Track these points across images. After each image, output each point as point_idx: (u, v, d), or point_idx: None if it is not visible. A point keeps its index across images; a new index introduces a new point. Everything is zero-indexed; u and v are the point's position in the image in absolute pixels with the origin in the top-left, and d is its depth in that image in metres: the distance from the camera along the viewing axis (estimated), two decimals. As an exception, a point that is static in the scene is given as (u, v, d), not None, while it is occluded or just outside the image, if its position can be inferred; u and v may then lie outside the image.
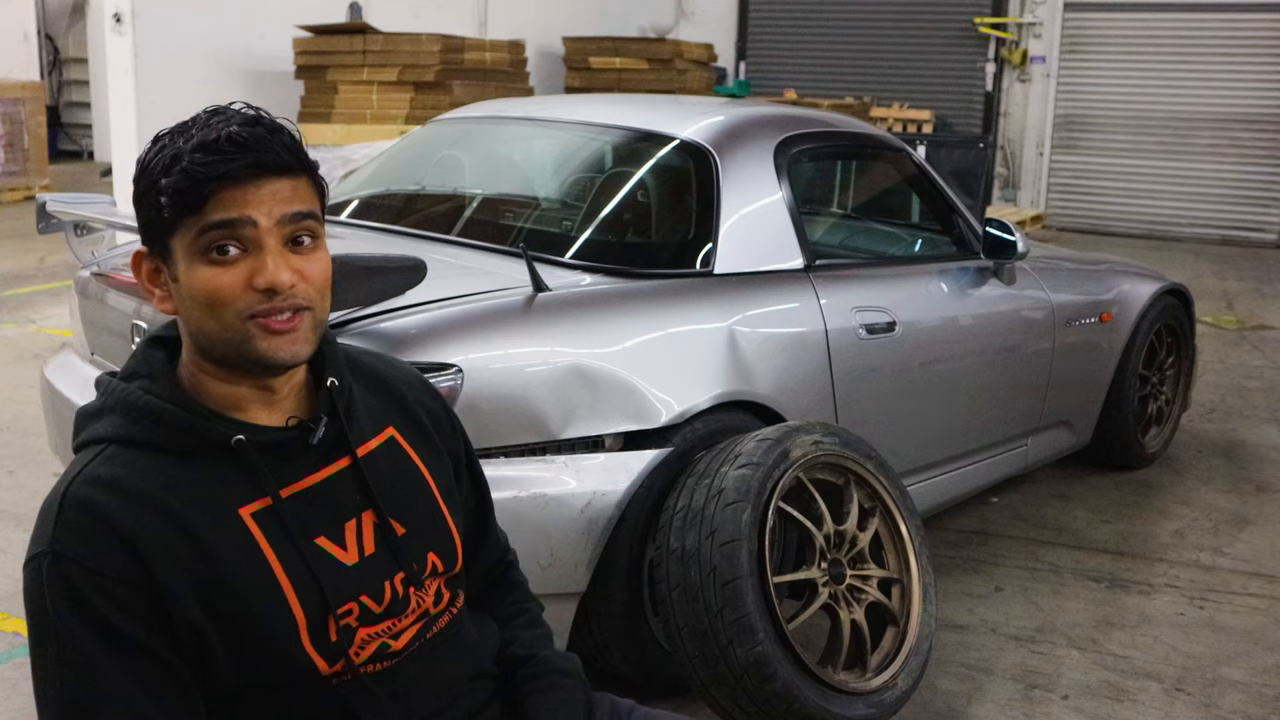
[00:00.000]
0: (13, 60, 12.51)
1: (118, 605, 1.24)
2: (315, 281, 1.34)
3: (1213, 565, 3.65)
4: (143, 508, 1.27)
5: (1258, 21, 11.07)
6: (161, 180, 1.28)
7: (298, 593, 1.32)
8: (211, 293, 1.29)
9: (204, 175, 1.27)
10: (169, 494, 1.29)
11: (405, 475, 1.47)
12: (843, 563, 2.57)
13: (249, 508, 1.32)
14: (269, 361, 1.32)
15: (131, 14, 6.92)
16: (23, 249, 8.30)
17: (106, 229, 3.06)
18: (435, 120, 3.87)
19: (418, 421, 1.52)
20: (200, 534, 1.29)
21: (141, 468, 1.30)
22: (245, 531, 1.31)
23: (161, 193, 1.28)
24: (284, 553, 1.33)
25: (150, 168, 1.31)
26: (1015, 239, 3.59)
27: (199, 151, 1.27)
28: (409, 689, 1.42)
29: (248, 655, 1.31)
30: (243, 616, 1.30)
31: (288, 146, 1.32)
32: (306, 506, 1.36)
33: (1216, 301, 8.11)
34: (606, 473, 2.47)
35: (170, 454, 1.32)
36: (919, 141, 4.15)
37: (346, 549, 1.38)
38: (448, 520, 1.49)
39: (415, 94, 7.51)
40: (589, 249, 2.90)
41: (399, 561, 1.41)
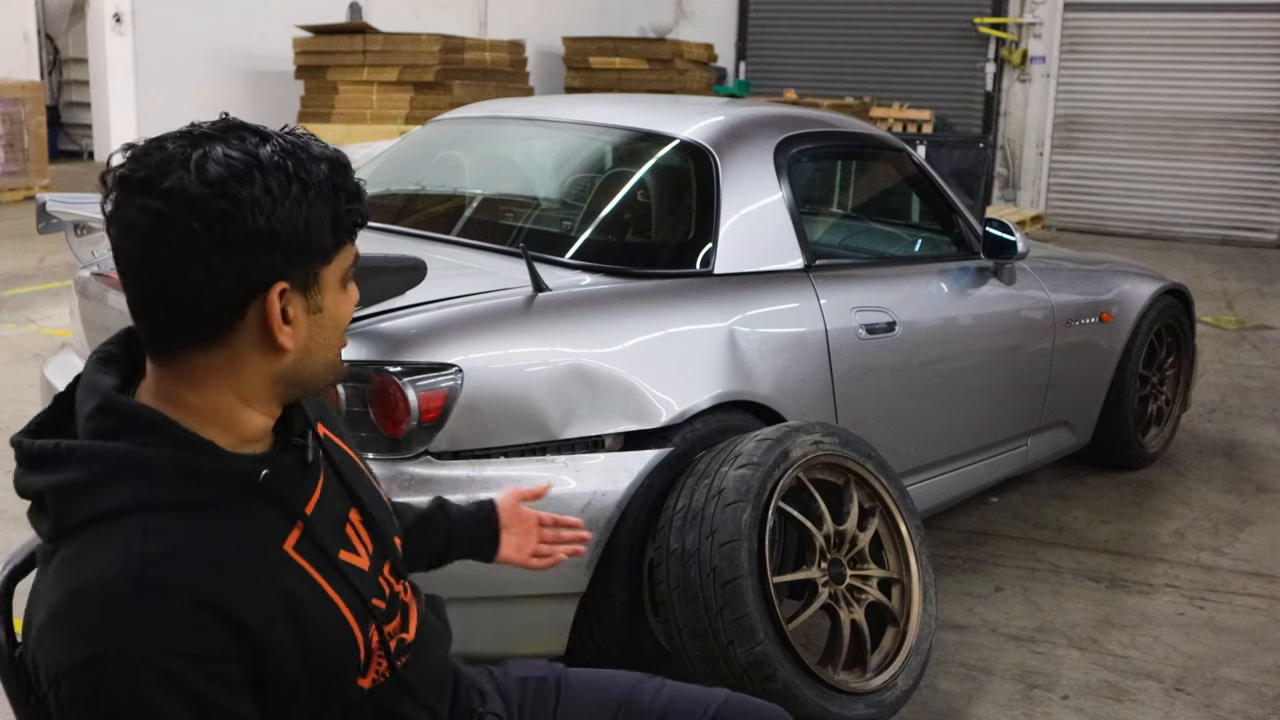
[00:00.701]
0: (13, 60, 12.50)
1: (219, 684, 1.16)
2: None
3: (1213, 565, 3.65)
4: (215, 573, 1.18)
5: (1258, 21, 11.08)
6: (335, 199, 1.24)
7: (352, 611, 1.31)
8: (348, 316, 1.31)
9: (366, 209, 1.29)
10: (231, 552, 1.20)
11: (351, 467, 1.45)
12: (843, 563, 2.57)
13: (289, 541, 1.27)
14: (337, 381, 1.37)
15: (131, 14, 6.92)
16: (23, 249, 8.29)
17: (106, 229, 3.06)
18: (435, 120, 3.87)
19: (328, 412, 1.51)
20: (272, 582, 1.23)
21: (192, 531, 1.19)
22: (297, 566, 1.26)
23: (337, 216, 1.24)
24: (330, 576, 1.30)
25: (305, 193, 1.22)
26: (1015, 239, 3.59)
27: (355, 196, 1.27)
28: (423, 677, 1.43)
29: (325, 690, 1.28)
30: (329, 653, 1.28)
31: None
32: (322, 524, 1.33)
33: (1216, 301, 8.11)
34: (606, 473, 2.47)
35: (199, 509, 1.21)
36: (919, 141, 4.15)
37: (358, 553, 1.36)
38: (386, 499, 1.50)
39: (415, 94, 7.51)
40: (589, 249, 2.90)
41: (385, 551, 1.42)
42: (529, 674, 1.67)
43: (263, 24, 7.81)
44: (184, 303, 1.20)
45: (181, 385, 1.24)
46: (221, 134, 1.22)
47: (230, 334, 1.22)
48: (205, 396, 1.24)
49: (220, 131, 1.22)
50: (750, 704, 1.67)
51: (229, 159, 1.19)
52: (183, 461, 1.20)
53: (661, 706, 1.62)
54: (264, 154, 1.20)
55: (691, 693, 1.66)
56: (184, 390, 1.24)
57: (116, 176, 1.20)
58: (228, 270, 1.19)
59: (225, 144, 1.20)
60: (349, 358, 2.31)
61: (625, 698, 1.64)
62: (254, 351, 1.24)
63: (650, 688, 1.65)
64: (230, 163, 1.18)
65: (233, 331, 1.22)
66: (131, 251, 1.20)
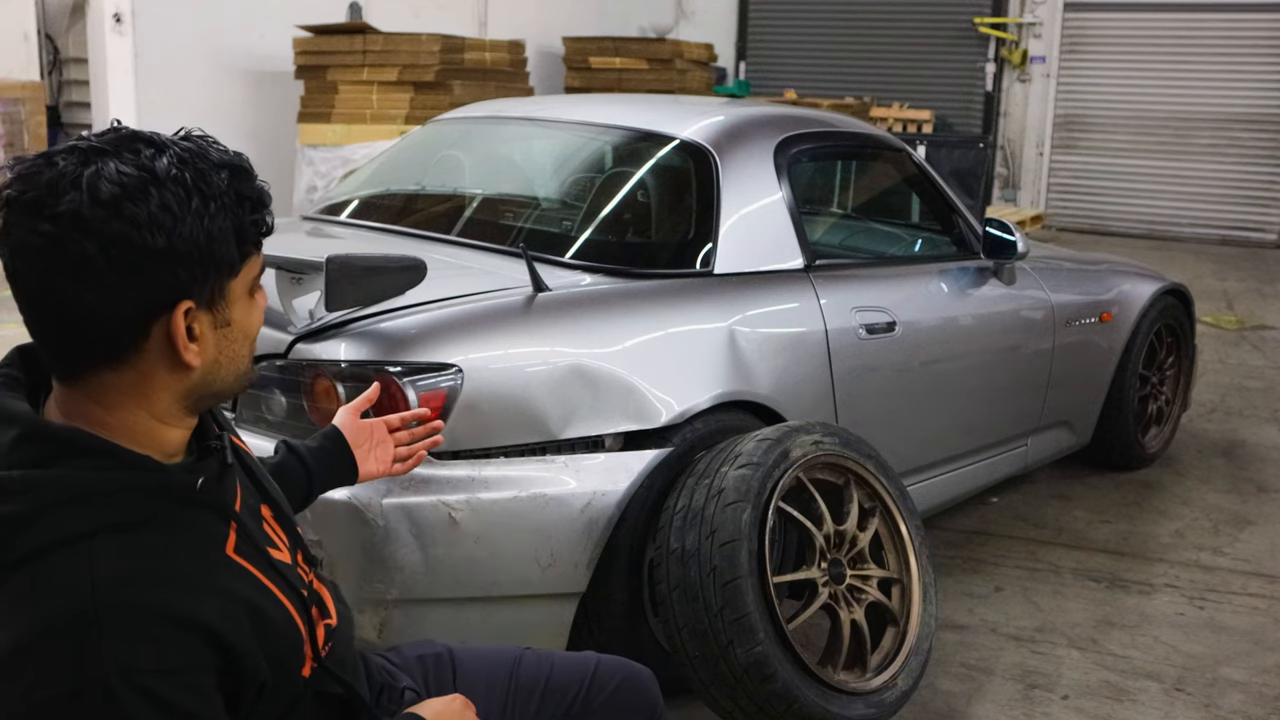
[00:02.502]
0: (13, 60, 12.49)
1: (195, 694, 1.15)
2: None
3: (1213, 565, 3.65)
4: (181, 588, 1.17)
5: (1258, 21, 11.07)
6: (237, 213, 1.20)
7: (294, 605, 1.32)
8: (257, 325, 1.28)
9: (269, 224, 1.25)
10: (186, 564, 1.19)
11: (250, 461, 1.44)
12: (843, 563, 2.57)
13: (228, 545, 1.26)
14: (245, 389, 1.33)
15: (131, 14, 6.92)
16: (23, 249, 8.29)
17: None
18: (435, 120, 3.87)
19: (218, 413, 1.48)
20: (230, 590, 1.22)
21: (143, 550, 1.17)
22: (241, 569, 1.26)
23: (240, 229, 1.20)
24: (269, 574, 1.30)
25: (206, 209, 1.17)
26: (1015, 239, 3.59)
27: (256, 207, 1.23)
28: (344, 660, 1.45)
29: (282, 685, 1.29)
30: (285, 650, 1.29)
31: None
32: (251, 523, 1.32)
33: (1216, 301, 8.11)
34: (606, 473, 2.47)
35: (142, 526, 1.18)
36: (919, 141, 4.15)
37: (279, 548, 1.36)
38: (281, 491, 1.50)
39: (415, 94, 7.51)
40: (589, 249, 2.90)
41: (297, 543, 1.43)
42: (424, 651, 1.72)
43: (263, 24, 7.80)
44: (85, 326, 1.15)
45: (92, 405, 1.20)
46: (114, 147, 1.16)
47: (135, 354, 1.18)
48: (119, 416, 1.21)
49: (112, 144, 1.16)
50: (620, 662, 1.76)
51: (122, 175, 1.13)
52: (124, 480, 1.18)
53: (548, 672, 1.70)
54: (160, 167, 1.15)
55: (570, 657, 1.76)
56: (96, 410, 1.20)
57: (4, 197, 1.14)
58: (128, 292, 1.14)
59: (118, 159, 1.14)
60: (349, 358, 2.31)
61: (513, 667, 1.71)
62: (162, 370, 1.20)
63: (533, 656, 1.73)
64: (124, 180, 1.12)
65: (138, 352, 1.18)
66: (26, 275, 1.14)
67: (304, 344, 2.36)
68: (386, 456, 1.78)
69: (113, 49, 7.01)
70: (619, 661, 1.77)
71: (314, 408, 2.33)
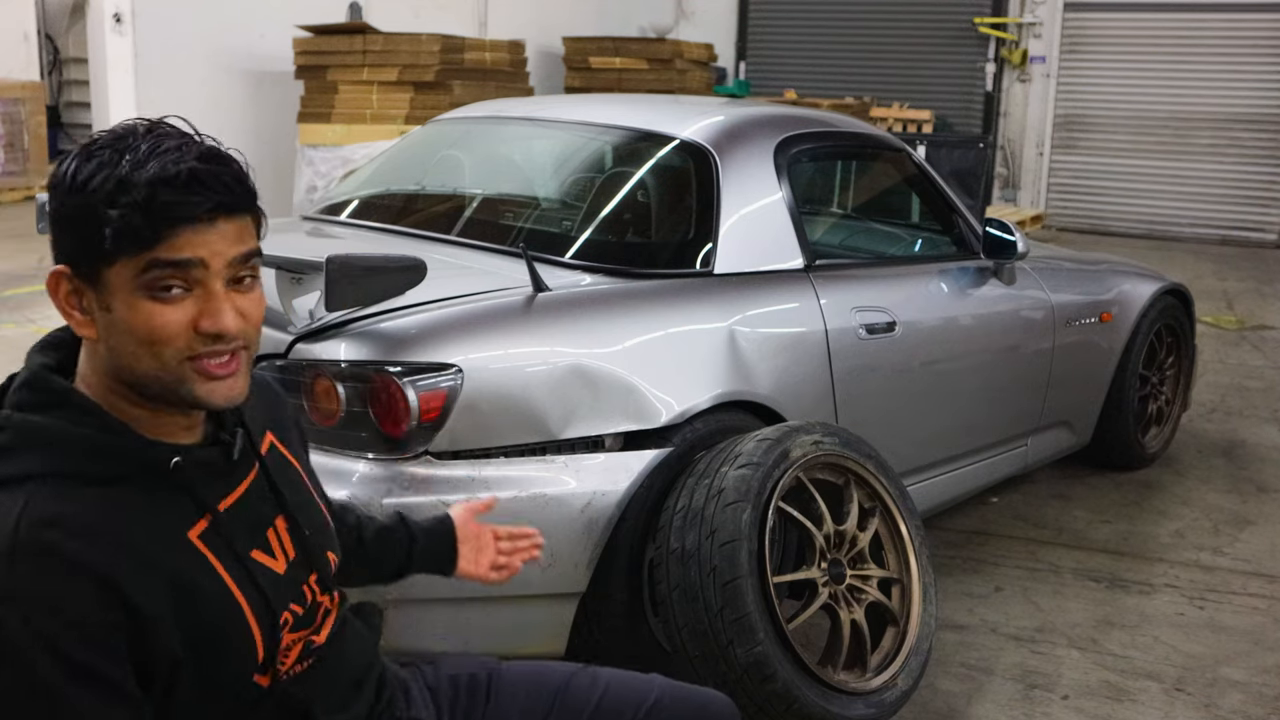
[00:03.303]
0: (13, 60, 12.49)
1: (94, 648, 1.18)
2: (254, 321, 1.31)
3: (1213, 565, 3.65)
4: (108, 545, 1.20)
5: (1258, 21, 11.07)
6: (108, 210, 1.20)
7: (253, 609, 1.33)
8: (154, 331, 1.23)
9: (163, 215, 1.20)
10: (126, 527, 1.23)
11: (292, 479, 1.48)
12: (843, 563, 2.57)
13: (194, 530, 1.29)
14: (208, 403, 1.28)
15: (131, 14, 6.92)
16: (23, 249, 8.28)
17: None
18: (435, 120, 3.87)
19: (284, 423, 1.53)
20: (166, 564, 1.25)
21: (89, 503, 1.22)
22: (199, 555, 1.29)
23: (105, 223, 1.20)
24: (234, 570, 1.32)
25: (88, 187, 1.21)
26: (1015, 239, 3.59)
27: (158, 186, 1.20)
28: (332, 680, 1.46)
29: (213, 679, 1.30)
30: (216, 641, 1.29)
31: (242, 183, 1.27)
32: (237, 521, 1.35)
33: (1216, 301, 8.11)
34: (606, 473, 2.47)
35: (104, 484, 1.24)
36: (919, 141, 4.15)
37: (275, 557, 1.39)
38: (327, 517, 1.52)
39: (415, 94, 7.51)
40: (589, 249, 2.90)
41: (313, 563, 1.43)
42: (460, 671, 1.69)
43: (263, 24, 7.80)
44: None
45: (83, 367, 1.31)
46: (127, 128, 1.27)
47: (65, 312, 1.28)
48: (90, 382, 1.29)
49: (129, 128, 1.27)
50: (688, 690, 1.70)
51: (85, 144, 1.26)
52: (94, 439, 1.25)
53: (599, 695, 1.65)
54: (102, 141, 1.24)
55: (628, 679, 1.69)
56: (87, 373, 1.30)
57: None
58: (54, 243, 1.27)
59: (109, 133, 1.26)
60: (349, 358, 2.31)
61: (561, 688, 1.66)
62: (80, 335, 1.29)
63: (586, 677, 1.68)
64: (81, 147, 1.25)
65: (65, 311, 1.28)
66: None
67: (304, 344, 2.36)
68: (484, 561, 1.83)
69: (113, 49, 7.01)
70: (688, 691, 1.69)
71: (314, 408, 2.33)
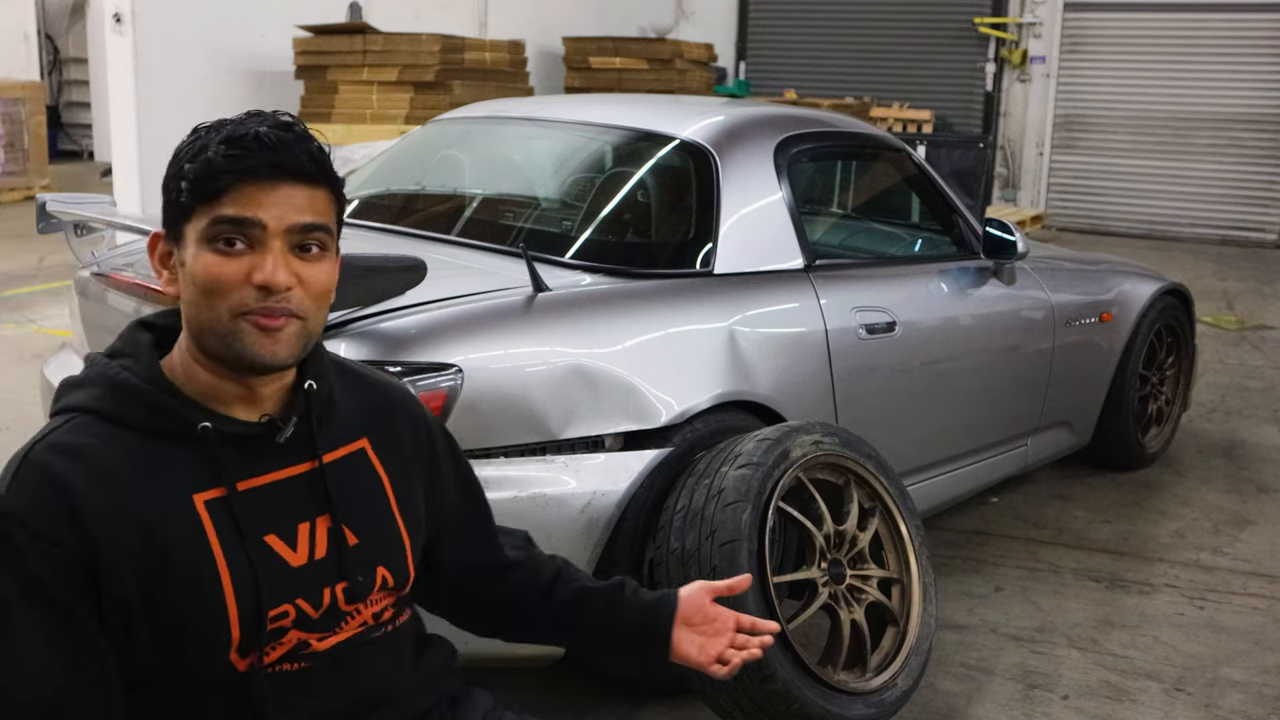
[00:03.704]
0: (13, 60, 12.50)
1: (51, 568, 1.26)
2: (313, 289, 1.35)
3: (1213, 565, 3.65)
4: (97, 479, 1.29)
5: (1258, 21, 11.07)
6: (185, 166, 1.32)
7: (235, 586, 1.33)
8: (212, 280, 1.31)
9: (224, 168, 1.30)
10: (127, 470, 1.31)
11: (367, 487, 1.47)
12: (843, 563, 2.57)
13: (204, 495, 1.34)
14: (250, 359, 1.33)
15: (131, 14, 6.91)
16: (23, 249, 8.29)
17: (106, 229, 3.06)
18: (435, 120, 3.87)
19: (395, 437, 1.53)
20: (150, 514, 1.30)
21: (106, 441, 1.32)
22: (195, 518, 1.32)
23: (184, 178, 1.32)
24: (229, 545, 1.33)
25: (180, 154, 1.35)
26: (1015, 239, 3.59)
27: (225, 144, 1.31)
28: (320, 693, 1.41)
29: (172, 641, 1.31)
30: (176, 602, 1.31)
31: (312, 155, 1.35)
32: (262, 502, 1.37)
33: (1216, 301, 8.11)
34: (606, 473, 2.47)
35: (139, 433, 1.33)
36: (919, 141, 4.15)
37: (296, 550, 1.38)
38: (403, 538, 1.49)
39: (415, 94, 7.50)
40: (589, 249, 2.90)
41: (344, 571, 1.42)
42: None
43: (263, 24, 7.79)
44: None
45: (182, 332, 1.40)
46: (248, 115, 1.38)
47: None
48: (181, 343, 1.39)
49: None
50: None
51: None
52: (142, 390, 1.34)
53: None
54: (209, 122, 1.36)
55: None
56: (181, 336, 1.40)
57: None
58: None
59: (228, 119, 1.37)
60: (351, 357, 2.31)
61: None
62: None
63: None
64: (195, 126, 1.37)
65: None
66: None
67: (304, 344, 2.36)
68: (712, 649, 1.61)
69: (113, 49, 7.00)
70: None
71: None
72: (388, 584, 1.46)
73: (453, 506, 1.62)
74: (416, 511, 1.53)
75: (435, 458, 1.59)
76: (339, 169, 1.41)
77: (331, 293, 1.39)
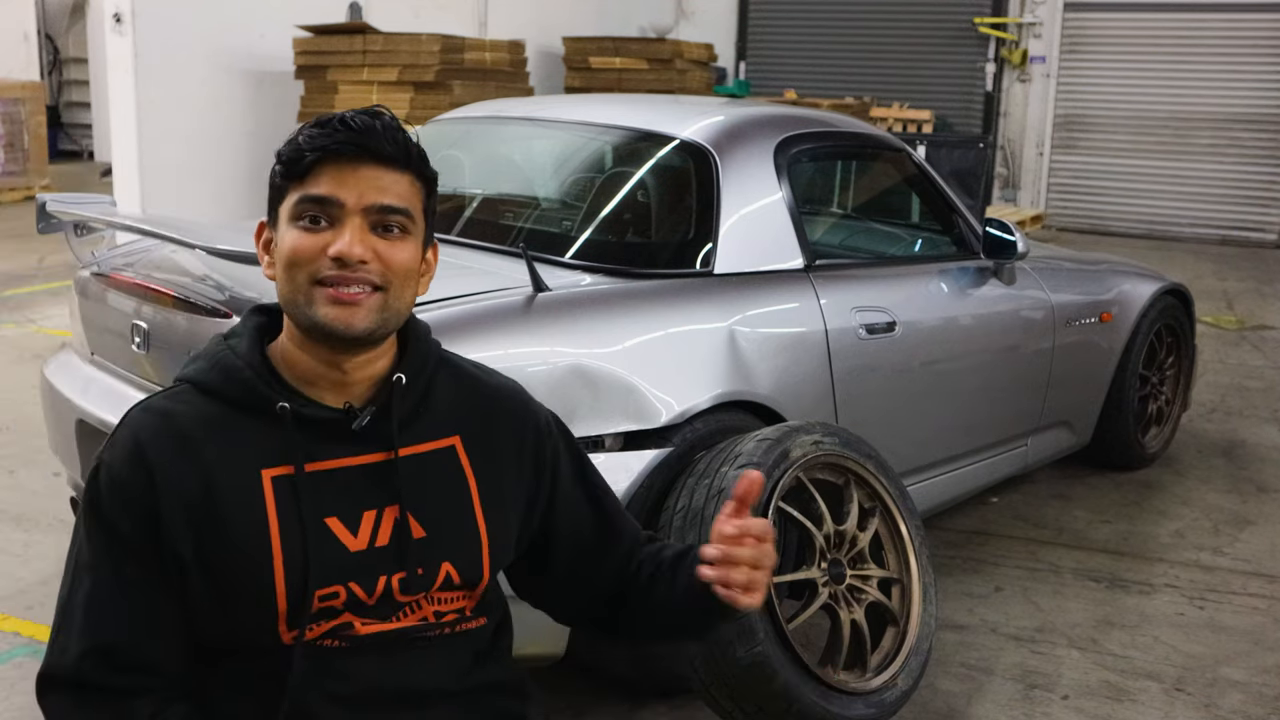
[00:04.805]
0: (13, 60, 12.50)
1: (127, 516, 1.36)
2: (393, 265, 1.40)
3: (1213, 565, 3.65)
4: (174, 442, 1.38)
5: (1258, 21, 11.07)
6: (280, 151, 1.41)
7: (286, 562, 1.36)
8: (294, 252, 1.38)
9: (307, 145, 1.38)
10: (205, 437, 1.39)
11: (449, 484, 1.48)
12: (843, 563, 2.57)
13: (272, 470, 1.39)
14: (325, 327, 1.37)
15: (131, 14, 6.91)
16: (23, 249, 8.30)
17: (106, 229, 3.06)
18: (435, 120, 3.87)
19: (491, 439, 1.52)
20: (216, 480, 1.37)
21: (196, 410, 1.41)
22: (259, 491, 1.38)
23: (278, 161, 1.41)
24: (287, 522, 1.37)
25: (283, 146, 1.42)
26: (1015, 239, 3.59)
27: (314, 126, 1.40)
28: (345, 675, 1.40)
29: (224, 606, 1.38)
30: (225, 568, 1.37)
31: (395, 140, 1.40)
32: (328, 485, 1.41)
33: (1216, 301, 8.11)
34: (606, 473, 2.42)
35: (228, 405, 1.41)
36: (919, 141, 4.15)
37: (356, 535, 1.41)
38: (481, 537, 1.48)
39: (415, 94, 7.50)
40: (589, 249, 2.90)
41: (403, 562, 1.42)
42: None
43: (263, 24, 7.78)
44: None
45: None
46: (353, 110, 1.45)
47: None
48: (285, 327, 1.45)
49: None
50: None
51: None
52: (239, 369, 1.42)
53: None
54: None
55: None
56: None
57: None
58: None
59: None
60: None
61: None
62: None
63: None
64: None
65: None
66: None
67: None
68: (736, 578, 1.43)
69: (113, 49, 6.99)
70: None
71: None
72: (453, 581, 1.46)
73: (569, 518, 1.60)
74: (506, 514, 1.52)
75: (541, 466, 1.57)
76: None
77: (415, 275, 1.44)
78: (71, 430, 2.91)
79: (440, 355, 1.54)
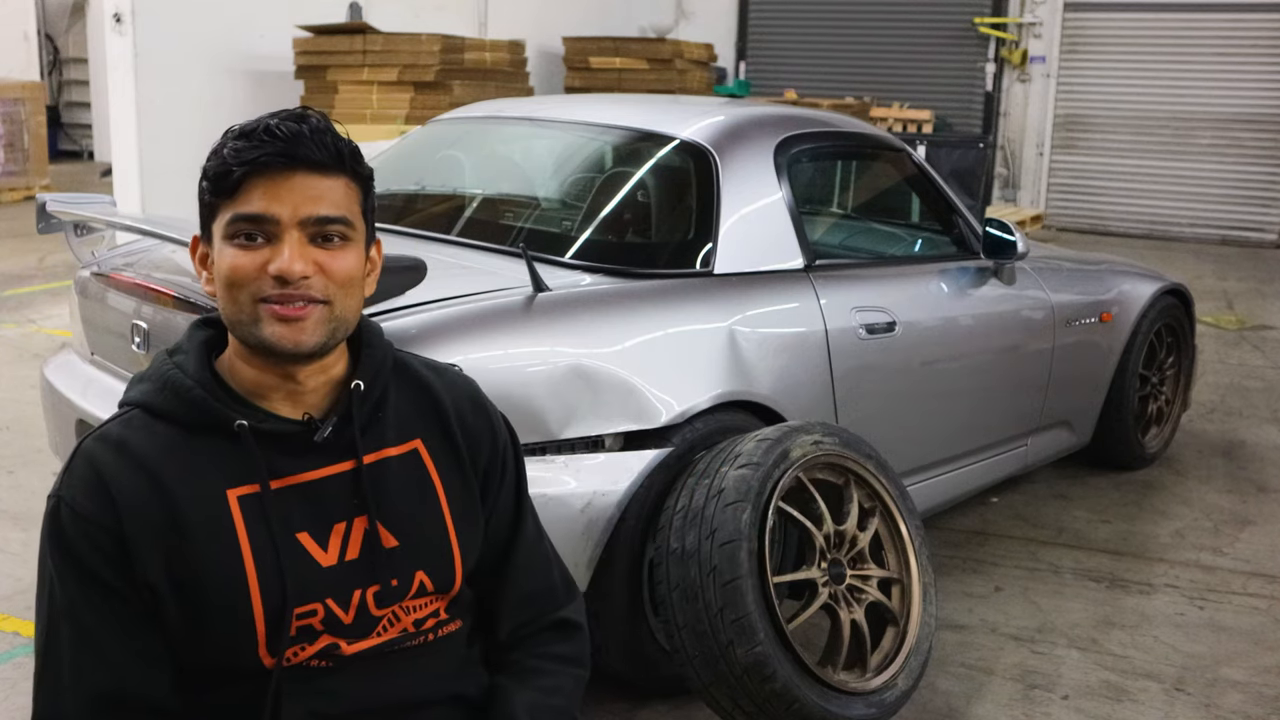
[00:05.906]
0: (13, 60, 12.50)
1: (96, 550, 1.32)
2: (336, 277, 1.35)
3: (1213, 565, 3.65)
4: (135, 470, 1.34)
5: (1258, 21, 11.07)
6: (207, 165, 1.35)
7: (261, 583, 1.33)
8: (231, 272, 1.33)
9: (234, 160, 1.32)
10: (165, 462, 1.35)
11: (416, 489, 1.45)
12: (843, 563, 2.57)
13: (237, 490, 1.35)
14: (273, 347, 1.34)
15: (131, 14, 6.91)
16: (23, 249, 8.30)
17: (106, 229, 3.06)
18: (435, 120, 3.87)
19: (451, 439, 1.49)
20: (181, 505, 1.34)
21: (151, 435, 1.37)
22: (226, 512, 1.35)
23: (205, 178, 1.35)
24: (258, 541, 1.34)
25: (209, 157, 1.37)
26: (1015, 239, 3.59)
27: (237, 139, 1.34)
28: (331, 693, 1.39)
29: (200, 632, 1.34)
30: (199, 591, 1.34)
31: (325, 144, 1.34)
32: (297, 500, 1.37)
33: (1216, 301, 8.11)
34: (606, 473, 2.47)
35: (182, 427, 1.37)
36: (919, 141, 4.15)
37: (327, 550, 1.37)
38: (451, 541, 1.46)
39: (415, 94, 7.50)
40: (589, 249, 2.90)
41: (376, 573, 1.39)
42: None
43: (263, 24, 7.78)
44: None
45: None
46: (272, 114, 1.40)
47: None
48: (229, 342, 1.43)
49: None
50: None
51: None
52: (188, 389, 1.38)
53: None
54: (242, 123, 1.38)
55: None
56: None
57: None
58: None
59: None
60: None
61: None
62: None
63: None
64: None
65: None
66: None
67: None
68: None
69: (113, 49, 6.99)
70: None
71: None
72: (426, 588, 1.43)
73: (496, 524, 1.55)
74: (473, 514, 1.50)
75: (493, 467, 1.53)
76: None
77: (360, 280, 1.39)
78: (71, 430, 2.91)
79: (395, 356, 1.50)
